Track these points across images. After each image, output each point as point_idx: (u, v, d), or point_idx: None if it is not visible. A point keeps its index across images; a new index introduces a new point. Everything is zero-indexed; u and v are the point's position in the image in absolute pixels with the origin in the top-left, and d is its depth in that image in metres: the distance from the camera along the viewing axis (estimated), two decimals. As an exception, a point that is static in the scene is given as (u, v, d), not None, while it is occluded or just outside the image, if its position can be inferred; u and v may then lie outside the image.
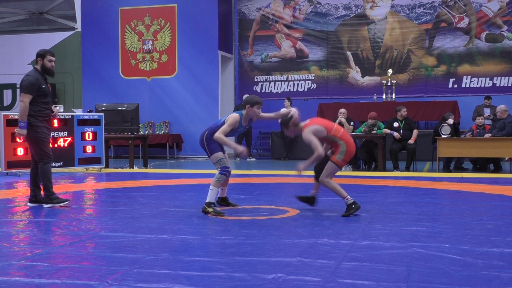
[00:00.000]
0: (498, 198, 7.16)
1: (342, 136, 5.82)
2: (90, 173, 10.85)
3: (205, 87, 15.59)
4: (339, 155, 5.76)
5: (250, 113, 5.90)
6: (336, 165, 5.77)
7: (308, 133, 5.72)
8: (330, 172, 5.78)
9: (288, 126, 5.85)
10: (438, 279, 3.41)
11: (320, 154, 5.69)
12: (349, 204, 5.70)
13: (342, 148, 5.76)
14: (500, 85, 14.73)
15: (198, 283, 3.37)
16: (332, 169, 5.77)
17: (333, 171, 5.79)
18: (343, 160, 5.78)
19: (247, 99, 5.96)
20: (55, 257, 4.06)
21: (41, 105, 6.38)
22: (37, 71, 6.50)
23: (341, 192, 5.74)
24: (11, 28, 18.78)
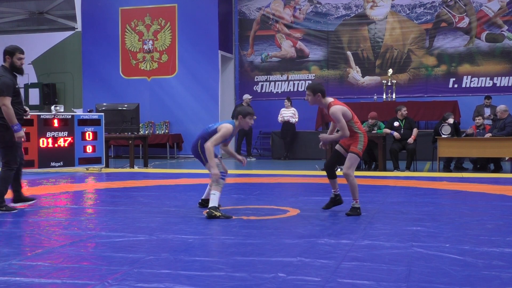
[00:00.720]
0: (498, 198, 7.16)
1: (360, 127, 5.86)
2: (91, 173, 10.85)
3: (205, 87, 15.58)
4: (359, 145, 5.75)
5: (242, 123, 5.93)
6: (358, 155, 5.76)
7: (339, 111, 5.68)
8: (353, 163, 5.74)
9: (316, 93, 5.75)
10: (438, 279, 3.41)
11: (346, 135, 5.68)
12: (355, 207, 5.74)
13: (361, 138, 5.77)
14: (500, 85, 14.73)
15: (198, 283, 3.37)
16: (354, 159, 5.75)
17: (355, 162, 5.76)
18: (362, 150, 5.80)
19: (240, 109, 6.00)
20: (55, 257, 4.06)
21: (15, 106, 6.10)
22: (6, 70, 6.17)
23: (357, 193, 5.77)
24: (11, 28, 18.78)
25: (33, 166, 10.32)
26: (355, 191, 5.77)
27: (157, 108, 15.87)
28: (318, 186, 8.62)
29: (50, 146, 10.48)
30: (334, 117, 5.69)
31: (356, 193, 5.77)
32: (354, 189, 5.77)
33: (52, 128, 10.52)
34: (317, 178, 9.71)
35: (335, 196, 6.08)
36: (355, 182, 5.78)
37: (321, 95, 5.75)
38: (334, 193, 6.08)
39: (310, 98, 5.77)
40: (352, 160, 5.74)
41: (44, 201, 7.07)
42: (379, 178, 9.55)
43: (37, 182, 9.19)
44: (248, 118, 5.90)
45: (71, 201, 7.15)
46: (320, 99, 5.76)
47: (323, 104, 5.80)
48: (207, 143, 5.72)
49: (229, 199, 7.08)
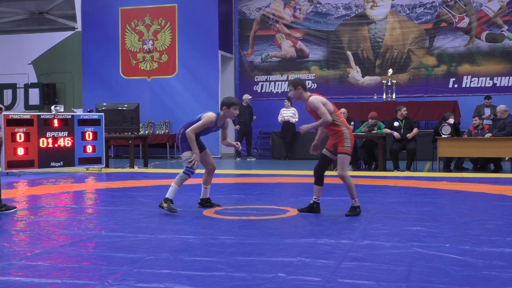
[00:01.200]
0: (498, 198, 7.16)
1: (343, 121, 5.74)
2: (91, 173, 10.85)
3: (205, 87, 15.58)
4: (346, 144, 5.66)
5: (227, 114, 5.96)
6: (347, 154, 5.67)
7: (317, 100, 5.62)
8: (344, 163, 5.66)
9: (297, 87, 5.72)
10: (439, 279, 3.41)
11: (328, 120, 5.56)
12: (355, 206, 5.73)
13: (346, 134, 5.66)
14: (500, 85, 14.73)
15: (198, 283, 3.37)
16: (345, 160, 5.68)
17: (346, 162, 5.69)
18: (350, 147, 5.70)
19: (224, 100, 6.01)
20: (55, 257, 4.06)
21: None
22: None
23: (354, 193, 5.72)
24: (11, 28, 18.78)
25: (33, 166, 10.32)
26: (353, 191, 5.72)
27: (157, 108, 15.87)
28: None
29: (50, 146, 10.48)
30: (313, 105, 5.60)
31: (354, 192, 5.72)
32: (351, 189, 5.72)
33: (52, 128, 10.52)
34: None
35: (314, 203, 5.92)
36: (351, 182, 5.72)
37: (302, 88, 5.72)
38: (314, 200, 5.91)
39: (293, 93, 5.75)
40: (344, 161, 5.67)
41: (44, 201, 7.08)
42: (379, 178, 9.55)
43: (37, 182, 9.19)
44: (232, 108, 5.91)
45: (71, 201, 7.15)
46: (301, 92, 5.72)
47: (304, 98, 5.73)
48: (188, 130, 5.78)
49: (229, 199, 7.08)
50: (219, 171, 11.49)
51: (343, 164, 5.66)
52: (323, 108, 5.57)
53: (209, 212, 5.99)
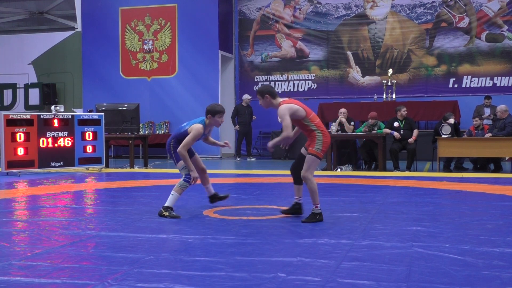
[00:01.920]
0: (498, 198, 7.16)
1: (318, 124, 5.43)
2: (91, 173, 10.85)
3: (205, 87, 15.59)
4: (317, 145, 5.35)
5: (212, 122, 5.83)
6: (316, 156, 5.34)
7: (285, 110, 5.29)
8: (310, 164, 5.34)
9: (264, 95, 5.45)
10: (439, 279, 3.41)
11: (288, 135, 5.31)
12: (315, 212, 5.35)
13: (319, 136, 5.37)
14: (500, 85, 14.73)
15: (198, 283, 3.37)
16: (312, 161, 5.34)
17: (313, 164, 5.35)
18: (321, 151, 5.37)
19: (209, 108, 5.82)
20: (55, 257, 4.06)
21: None
22: None
23: (316, 198, 5.37)
24: (11, 28, 18.78)
25: (33, 166, 10.33)
26: (315, 196, 5.36)
27: (157, 108, 15.87)
28: (318, 186, 8.60)
29: (50, 146, 10.49)
30: (279, 116, 5.33)
31: (316, 198, 5.36)
32: (313, 193, 5.36)
33: (52, 128, 10.52)
34: (317, 178, 9.69)
35: (295, 205, 5.70)
36: (314, 186, 5.37)
37: (270, 96, 5.44)
38: (296, 201, 5.71)
39: (261, 102, 5.51)
40: (310, 162, 5.34)
41: (44, 201, 7.08)
42: (379, 178, 9.55)
43: (37, 182, 9.19)
44: (217, 117, 5.76)
45: (71, 201, 7.15)
46: (270, 101, 5.45)
47: (274, 105, 5.46)
48: (180, 149, 5.70)
49: (229, 199, 7.07)
50: (219, 171, 11.50)
51: (308, 164, 5.34)
52: (288, 121, 5.25)
53: (209, 212, 5.99)
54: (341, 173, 10.63)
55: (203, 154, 15.50)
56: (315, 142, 5.37)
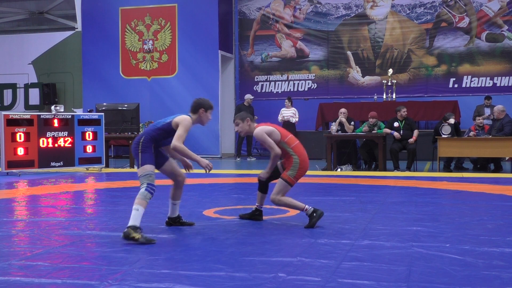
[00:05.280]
0: (498, 198, 7.16)
1: (295, 148, 5.27)
2: (91, 173, 10.85)
3: (205, 87, 15.58)
4: (291, 171, 5.20)
5: (203, 118, 4.98)
6: (288, 182, 5.18)
7: (261, 132, 5.22)
8: (281, 190, 5.20)
9: (245, 120, 5.33)
10: (439, 279, 3.41)
11: (277, 153, 5.20)
12: (309, 214, 5.13)
13: (295, 161, 5.21)
14: (500, 85, 14.73)
15: (198, 283, 3.36)
16: (283, 186, 5.20)
17: (283, 189, 5.20)
18: (295, 177, 5.20)
19: (201, 101, 5.00)
20: (55, 257, 4.06)
21: None
22: None
23: (298, 205, 5.19)
24: (11, 28, 18.78)
25: (33, 166, 10.33)
26: (296, 205, 5.20)
27: (157, 108, 15.85)
28: (318, 186, 8.62)
29: (50, 146, 10.48)
30: (259, 138, 5.24)
31: (298, 205, 5.18)
32: (292, 205, 5.23)
33: (52, 128, 10.52)
34: (317, 178, 9.71)
35: (256, 211, 5.54)
36: (287, 201, 5.22)
37: (250, 121, 5.35)
38: (257, 207, 5.55)
39: (239, 127, 5.34)
40: (281, 187, 5.20)
41: (44, 201, 7.08)
42: (379, 178, 9.55)
43: (37, 182, 9.19)
44: (209, 112, 5.03)
45: (71, 201, 7.15)
46: (250, 125, 5.34)
47: (251, 130, 5.35)
48: (175, 143, 4.74)
49: (229, 199, 7.08)
50: (219, 171, 11.49)
51: (279, 189, 5.20)
52: (269, 141, 5.17)
53: (209, 212, 5.99)
54: (341, 173, 10.62)
55: (202, 154, 15.55)
56: (290, 167, 5.23)
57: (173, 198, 5.21)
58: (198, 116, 4.96)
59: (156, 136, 4.86)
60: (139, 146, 4.81)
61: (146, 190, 4.70)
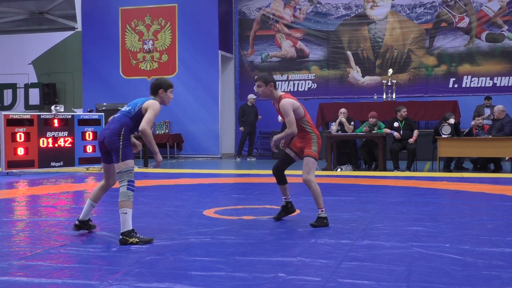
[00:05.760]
0: (498, 198, 7.16)
1: (313, 126, 5.30)
2: (91, 173, 10.85)
3: (205, 87, 15.59)
4: (314, 147, 5.20)
5: (164, 98, 4.88)
6: (314, 158, 5.18)
7: (289, 105, 5.09)
8: (311, 167, 5.16)
9: (268, 83, 5.18)
10: (439, 279, 3.41)
11: (294, 131, 5.12)
12: (322, 216, 5.18)
13: (314, 139, 5.23)
14: (500, 85, 14.73)
15: (198, 283, 3.36)
16: (312, 163, 5.17)
17: (313, 166, 5.18)
18: (317, 152, 5.23)
19: (159, 82, 4.89)
20: (55, 257, 4.06)
21: None
22: None
23: (321, 201, 5.21)
24: (12, 28, 18.78)
25: (33, 166, 10.33)
26: (319, 199, 5.19)
27: (157, 108, 15.84)
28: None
29: (50, 146, 10.49)
30: (284, 110, 5.08)
31: (321, 201, 5.19)
32: (317, 196, 5.19)
33: (52, 128, 10.52)
34: (317, 178, 9.69)
35: (287, 204, 5.51)
36: (318, 189, 5.18)
37: (273, 86, 5.20)
38: (285, 201, 5.51)
39: (262, 89, 5.17)
40: (310, 165, 5.16)
41: (44, 201, 7.08)
42: (379, 178, 9.55)
43: (37, 182, 9.19)
44: (169, 92, 4.89)
45: (71, 201, 7.15)
46: (272, 90, 5.18)
47: (274, 97, 5.21)
48: (145, 127, 4.60)
49: (229, 199, 7.08)
50: (219, 171, 11.50)
51: (309, 167, 5.15)
52: (292, 117, 5.08)
53: (209, 212, 5.99)
54: (341, 173, 10.62)
55: (203, 154, 15.57)
56: (312, 144, 5.22)
57: (94, 200, 4.98)
58: (159, 98, 4.85)
59: (132, 126, 4.75)
60: (121, 139, 4.64)
61: (128, 189, 4.59)
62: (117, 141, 4.63)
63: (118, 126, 4.68)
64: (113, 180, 4.94)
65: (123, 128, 4.68)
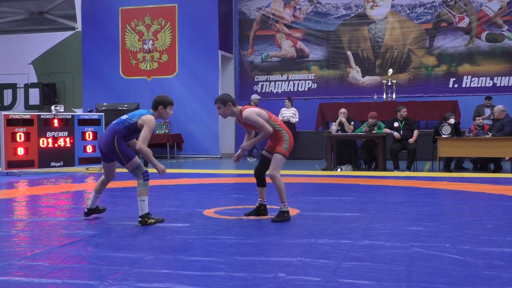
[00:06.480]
0: (498, 198, 7.16)
1: (281, 124, 5.50)
2: (91, 173, 10.85)
3: (205, 87, 15.59)
4: (284, 145, 5.41)
5: (163, 114, 5.39)
6: (284, 156, 5.40)
7: (252, 113, 5.33)
8: (279, 163, 5.38)
9: (226, 104, 5.35)
10: (439, 279, 3.41)
11: (269, 131, 5.34)
12: (284, 210, 5.42)
13: (285, 137, 5.43)
14: (500, 85, 14.73)
15: (198, 283, 3.37)
16: (280, 160, 5.39)
17: (281, 163, 5.40)
18: (288, 150, 5.43)
19: (159, 99, 5.40)
20: (55, 257, 4.06)
21: None
22: None
23: (283, 196, 5.43)
24: (12, 28, 18.78)
25: (33, 166, 10.33)
26: (283, 194, 5.41)
27: (157, 108, 15.85)
28: (318, 186, 8.63)
29: (50, 146, 10.49)
30: (249, 120, 5.32)
31: (284, 196, 5.42)
32: (281, 191, 5.41)
33: (52, 128, 10.53)
34: (317, 178, 9.71)
35: (260, 206, 5.73)
36: (282, 184, 5.41)
37: (232, 105, 5.40)
38: (260, 203, 5.74)
39: (222, 110, 5.38)
40: (278, 161, 5.38)
41: (44, 201, 7.08)
42: (379, 178, 9.55)
43: (37, 182, 9.19)
44: (169, 108, 5.40)
45: (71, 201, 7.15)
46: (232, 109, 5.39)
47: (235, 113, 5.43)
48: (141, 146, 5.17)
49: (229, 199, 7.08)
50: (219, 171, 11.50)
51: (276, 164, 5.38)
52: (261, 120, 5.32)
53: (209, 212, 5.99)
54: (341, 173, 10.62)
55: (203, 154, 15.57)
56: (282, 142, 5.43)
57: (97, 192, 5.66)
58: (158, 113, 5.39)
59: (125, 134, 5.32)
60: (116, 146, 5.27)
61: (144, 180, 5.33)
62: (113, 148, 5.28)
63: (110, 134, 5.31)
64: (112, 176, 5.65)
65: (116, 136, 5.28)
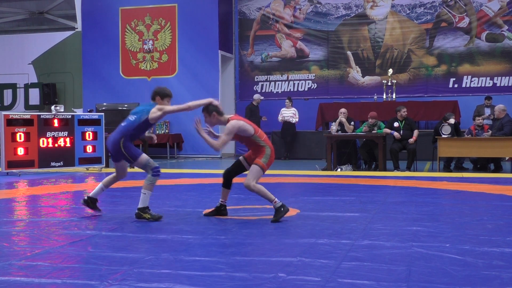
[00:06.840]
0: (498, 198, 7.16)
1: (266, 140, 5.58)
2: (91, 173, 10.85)
3: (205, 87, 15.58)
4: (264, 159, 5.47)
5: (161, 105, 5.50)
6: (261, 168, 5.46)
7: (232, 128, 5.40)
8: (255, 175, 5.45)
9: (211, 113, 5.46)
10: (439, 279, 3.41)
11: (217, 149, 5.45)
12: (277, 207, 5.42)
13: (267, 151, 5.51)
14: (500, 85, 14.73)
15: (198, 283, 3.36)
16: (257, 172, 5.45)
17: (258, 174, 5.46)
18: (267, 164, 5.50)
19: (157, 90, 5.52)
20: (55, 257, 4.06)
21: None
22: None
23: (269, 195, 5.44)
24: (12, 28, 18.78)
25: (33, 166, 10.32)
26: (267, 195, 5.44)
27: (157, 108, 15.84)
28: (318, 186, 8.63)
29: (50, 146, 10.49)
30: (225, 129, 5.43)
31: (269, 195, 5.43)
32: (264, 194, 5.44)
33: (52, 128, 10.52)
34: (317, 178, 9.71)
35: (221, 206, 5.77)
36: (260, 188, 5.44)
37: (217, 114, 5.46)
38: (221, 203, 5.77)
39: (208, 119, 5.50)
40: (254, 173, 5.44)
41: (44, 201, 7.08)
42: (379, 178, 9.54)
43: (37, 182, 9.19)
44: (166, 101, 5.49)
45: (71, 201, 7.15)
46: (217, 117, 5.47)
47: (222, 122, 5.50)
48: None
49: (229, 199, 7.06)
50: (219, 171, 11.48)
51: (253, 175, 5.43)
52: (227, 138, 5.42)
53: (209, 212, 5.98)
54: (341, 173, 10.63)
55: (203, 154, 15.56)
56: (263, 155, 5.50)
57: (106, 185, 5.81)
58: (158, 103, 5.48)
59: (135, 134, 5.47)
60: (121, 147, 5.42)
61: (153, 175, 5.43)
62: (118, 150, 5.43)
63: (118, 137, 5.44)
64: (123, 174, 5.80)
65: (122, 139, 5.42)
